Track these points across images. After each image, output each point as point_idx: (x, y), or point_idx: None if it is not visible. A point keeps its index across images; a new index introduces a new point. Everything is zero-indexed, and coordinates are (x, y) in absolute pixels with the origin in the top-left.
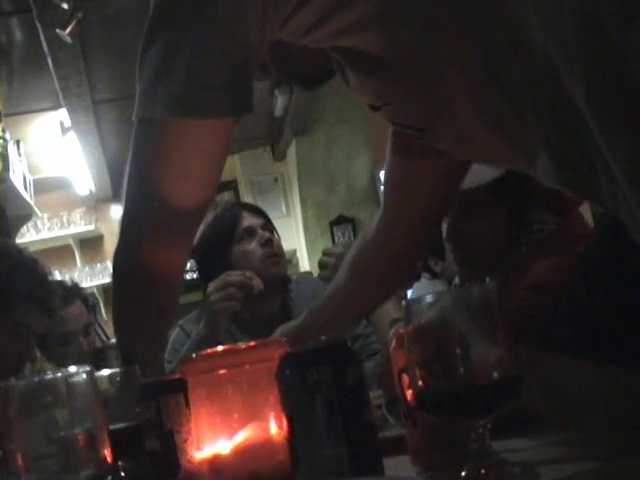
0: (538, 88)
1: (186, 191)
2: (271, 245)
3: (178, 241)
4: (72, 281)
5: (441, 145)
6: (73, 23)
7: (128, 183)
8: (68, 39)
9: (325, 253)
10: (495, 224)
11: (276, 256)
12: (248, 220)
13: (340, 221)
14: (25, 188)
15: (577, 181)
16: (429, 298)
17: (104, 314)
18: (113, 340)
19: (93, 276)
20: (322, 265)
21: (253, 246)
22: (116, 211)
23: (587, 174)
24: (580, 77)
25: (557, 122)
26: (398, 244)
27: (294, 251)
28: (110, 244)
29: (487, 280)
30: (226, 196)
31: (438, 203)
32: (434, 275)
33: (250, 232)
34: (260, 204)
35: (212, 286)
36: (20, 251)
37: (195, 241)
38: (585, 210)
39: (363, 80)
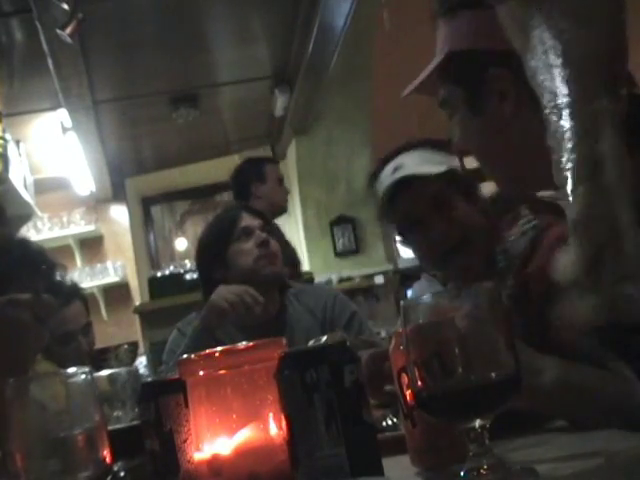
0: None
1: None
2: (267, 246)
3: None
4: (72, 281)
5: None
6: (73, 23)
7: None
8: (68, 39)
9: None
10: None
11: (271, 257)
12: (247, 220)
13: (340, 221)
14: (25, 188)
15: None
16: (427, 299)
17: (104, 314)
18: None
19: (93, 276)
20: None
21: (249, 246)
22: (116, 211)
23: None
24: None
25: None
26: None
27: None
28: (110, 244)
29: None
30: (226, 196)
31: None
32: (434, 274)
33: (247, 232)
34: None
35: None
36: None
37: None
38: None
39: None
